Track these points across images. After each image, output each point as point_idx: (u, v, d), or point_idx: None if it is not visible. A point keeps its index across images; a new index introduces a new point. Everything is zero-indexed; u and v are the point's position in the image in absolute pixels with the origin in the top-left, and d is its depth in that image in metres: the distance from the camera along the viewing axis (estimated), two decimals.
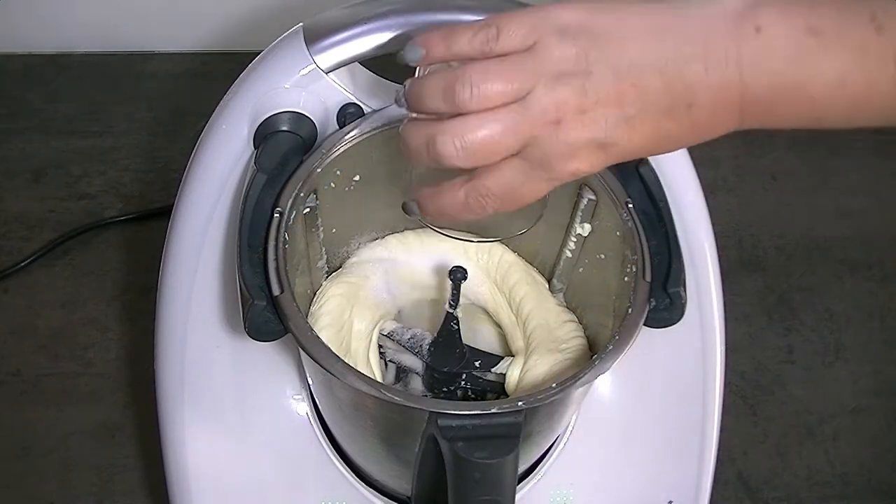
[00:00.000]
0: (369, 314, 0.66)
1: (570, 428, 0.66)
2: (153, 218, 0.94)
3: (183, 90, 1.07)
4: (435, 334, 0.62)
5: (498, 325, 0.69)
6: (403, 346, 0.63)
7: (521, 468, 0.63)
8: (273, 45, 0.62)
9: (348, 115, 0.61)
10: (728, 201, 1.00)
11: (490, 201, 0.45)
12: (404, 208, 0.49)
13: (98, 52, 1.09)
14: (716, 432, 0.66)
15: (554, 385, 0.50)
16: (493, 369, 0.62)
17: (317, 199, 0.60)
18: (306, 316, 0.61)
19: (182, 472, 0.64)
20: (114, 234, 0.94)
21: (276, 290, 0.52)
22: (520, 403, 0.48)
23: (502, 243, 0.70)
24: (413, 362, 0.63)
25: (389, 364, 0.65)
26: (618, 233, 0.57)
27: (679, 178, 0.64)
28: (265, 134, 0.59)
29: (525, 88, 0.42)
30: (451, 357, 0.61)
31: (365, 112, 0.61)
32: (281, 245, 0.54)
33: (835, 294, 0.95)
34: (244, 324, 0.51)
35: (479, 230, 0.59)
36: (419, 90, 0.44)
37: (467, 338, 0.62)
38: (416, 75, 0.46)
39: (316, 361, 0.50)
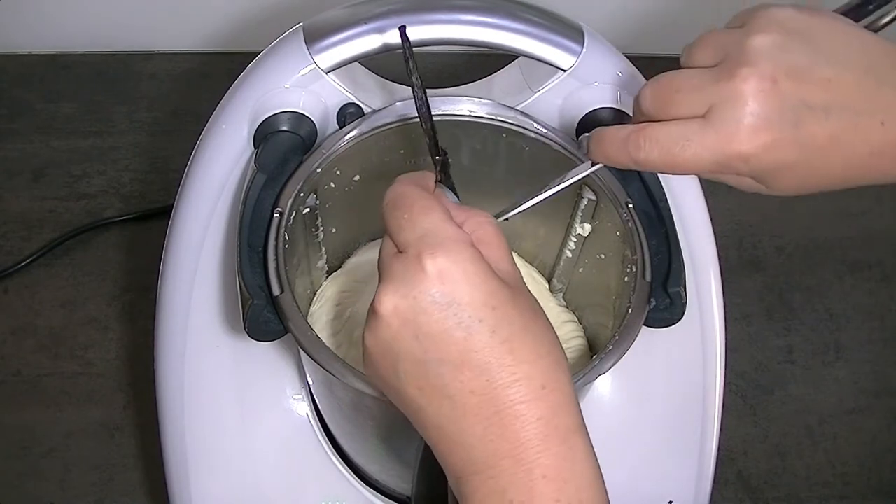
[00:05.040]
0: None
1: None
2: (153, 218, 0.94)
3: (183, 90, 1.07)
4: None
5: None
6: None
7: None
8: (273, 45, 0.62)
9: (348, 115, 0.61)
10: (728, 201, 1.00)
11: (648, 146, 0.45)
12: (579, 143, 0.52)
13: (98, 52, 1.09)
14: (716, 432, 0.66)
15: None
16: None
17: (317, 199, 0.60)
18: (306, 316, 0.61)
19: (182, 472, 0.64)
20: (114, 234, 0.94)
21: (276, 290, 0.52)
22: None
23: None
24: None
25: None
26: (618, 233, 0.57)
27: (679, 178, 0.64)
28: (265, 134, 0.59)
29: (722, 55, 0.43)
30: None
31: (365, 112, 0.61)
32: (281, 245, 0.54)
33: (835, 294, 0.95)
34: (244, 324, 0.51)
35: None
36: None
37: None
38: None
39: (316, 361, 0.50)
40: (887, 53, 0.44)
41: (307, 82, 0.60)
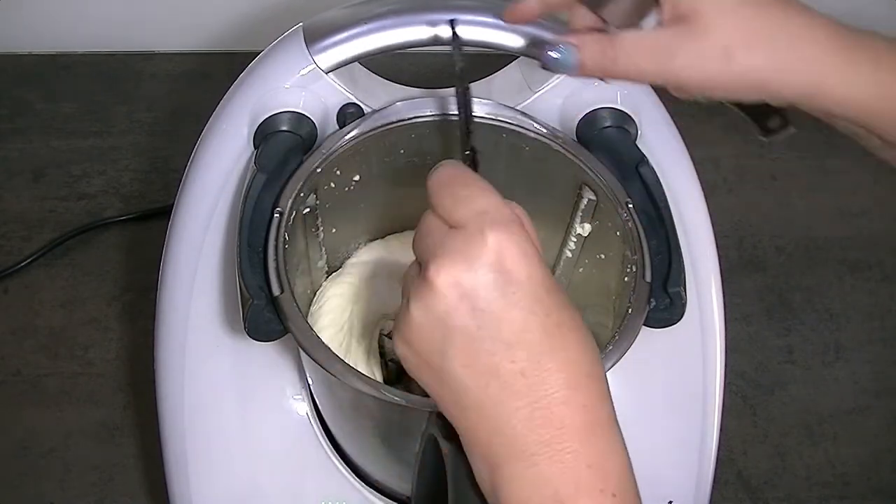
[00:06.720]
0: (369, 314, 0.66)
1: None
2: (153, 218, 0.94)
3: (183, 90, 1.07)
4: None
5: None
6: None
7: None
8: (273, 45, 0.62)
9: (348, 115, 0.61)
10: (728, 201, 1.00)
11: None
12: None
13: (98, 52, 1.09)
14: (716, 432, 0.66)
15: None
16: None
17: (317, 199, 0.60)
18: (306, 316, 0.61)
19: (182, 472, 0.64)
20: (114, 234, 0.94)
21: (276, 290, 0.52)
22: None
23: None
24: None
25: (389, 364, 0.65)
26: (618, 233, 0.57)
27: (679, 178, 0.64)
28: (265, 134, 0.59)
29: None
30: None
31: (365, 112, 0.61)
32: (281, 245, 0.54)
33: (835, 294, 0.95)
34: (244, 324, 0.51)
35: None
36: None
37: None
38: None
39: (316, 362, 0.50)
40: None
41: (307, 82, 0.60)
